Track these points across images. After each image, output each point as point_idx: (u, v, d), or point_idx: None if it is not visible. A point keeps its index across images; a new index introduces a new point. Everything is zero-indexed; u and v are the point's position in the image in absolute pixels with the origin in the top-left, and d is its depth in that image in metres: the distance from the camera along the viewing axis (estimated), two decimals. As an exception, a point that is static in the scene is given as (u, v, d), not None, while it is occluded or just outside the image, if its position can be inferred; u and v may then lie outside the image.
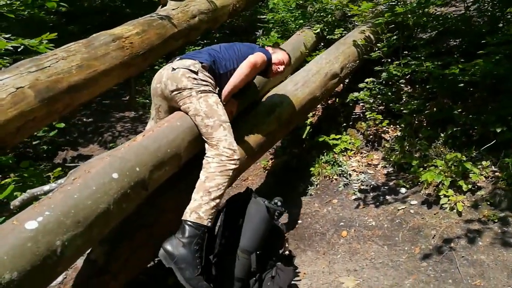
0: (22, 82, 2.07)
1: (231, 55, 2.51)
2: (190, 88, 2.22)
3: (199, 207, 2.02)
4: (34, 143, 4.63)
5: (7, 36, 2.97)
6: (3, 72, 2.11)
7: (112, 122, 5.39)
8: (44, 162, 4.51)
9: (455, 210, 2.71)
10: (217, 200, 2.08)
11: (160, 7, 3.63)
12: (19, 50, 2.90)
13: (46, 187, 1.87)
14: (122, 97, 6.10)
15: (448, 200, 2.74)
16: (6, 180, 3.38)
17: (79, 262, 1.95)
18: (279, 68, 2.68)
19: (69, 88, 2.29)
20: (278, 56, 2.67)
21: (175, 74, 2.26)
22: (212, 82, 2.34)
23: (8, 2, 2.78)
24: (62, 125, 4.55)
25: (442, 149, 3.07)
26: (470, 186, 2.77)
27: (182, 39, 3.54)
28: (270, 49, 2.70)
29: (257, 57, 2.48)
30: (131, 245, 2.04)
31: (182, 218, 2.03)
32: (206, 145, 2.22)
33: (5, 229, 1.37)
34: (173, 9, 3.53)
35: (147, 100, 5.58)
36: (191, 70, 2.25)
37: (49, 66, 2.25)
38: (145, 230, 2.12)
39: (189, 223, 2.00)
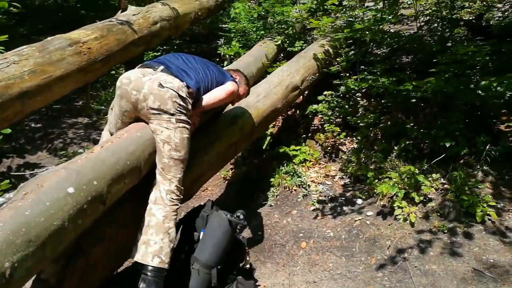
0: (-32, 87, 1.92)
1: (210, 79, 2.44)
2: (172, 114, 2.12)
3: (160, 251, 2.01)
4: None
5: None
6: None
7: (63, 128, 5.12)
8: (-14, 170, 4.21)
9: (408, 221, 2.82)
10: (173, 243, 2.10)
11: (120, 11, 3.52)
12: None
13: (-8, 202, 1.74)
14: (75, 102, 5.83)
15: (402, 211, 2.86)
16: None
17: (28, 283, 1.82)
18: (241, 98, 2.78)
19: (20, 94, 2.15)
20: (241, 87, 2.69)
21: (162, 94, 2.11)
22: (190, 109, 2.24)
23: (-47, -1, 2.57)
24: (8, 131, 4.25)
25: (396, 162, 3.20)
26: (422, 198, 2.90)
27: (143, 45, 3.46)
28: (233, 74, 2.71)
29: (233, 87, 2.51)
30: (87, 262, 1.94)
31: (143, 262, 1.99)
32: (159, 176, 2.15)
33: None
34: (133, 15, 3.44)
35: (102, 107, 5.39)
36: (179, 95, 2.13)
37: (-2, 71, 2.11)
38: (102, 246, 2.02)
39: (150, 268, 1.97)
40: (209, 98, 2.41)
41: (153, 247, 2.00)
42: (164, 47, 6.21)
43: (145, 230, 2.05)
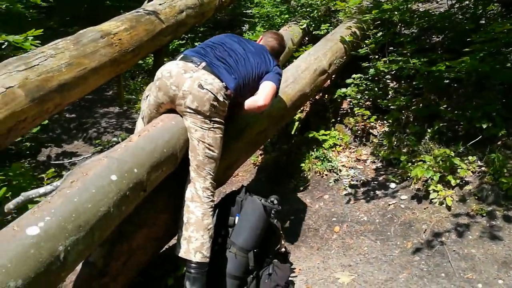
0: (12, 81, 2.00)
1: (252, 72, 2.35)
2: (208, 116, 2.13)
3: (202, 246, 2.06)
4: (16, 140, 4.48)
5: (-12, 32, 2.85)
6: (-10, 71, 2.03)
7: (96, 117, 5.27)
8: (27, 160, 4.39)
9: (444, 205, 2.78)
10: (212, 236, 2.14)
11: (146, 1, 3.55)
12: (2, 47, 2.80)
13: (41, 190, 1.81)
14: (105, 92, 5.97)
15: (438, 195, 2.81)
16: (-9, 179, 3.28)
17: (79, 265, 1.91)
18: None
19: (59, 87, 2.22)
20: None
21: (201, 95, 2.10)
22: (226, 110, 2.24)
23: (-11, -4, 2.66)
24: (45, 121, 4.42)
25: (430, 145, 3.13)
26: (458, 181, 2.85)
27: (171, 35, 3.49)
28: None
29: (273, 91, 2.41)
30: (129, 246, 2.01)
31: (186, 258, 2.05)
32: (193, 173, 2.16)
33: (7, 235, 1.32)
34: (160, 4, 3.46)
35: (132, 96, 5.49)
36: (217, 99, 2.12)
37: (38, 65, 2.18)
38: (142, 231, 2.09)
39: (194, 264, 2.04)
40: (248, 106, 2.38)
41: (194, 243, 2.05)
42: (189, 35, 6.24)
43: (185, 227, 2.09)
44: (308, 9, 4.95)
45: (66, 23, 6.88)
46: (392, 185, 3.17)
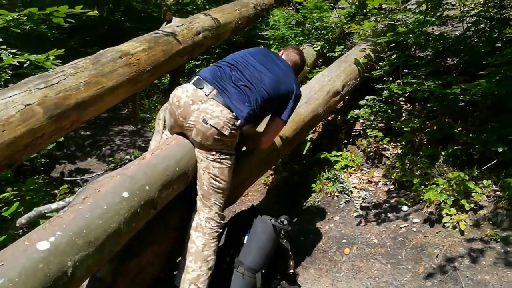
0: (31, 99, 2.07)
1: (269, 96, 2.23)
2: (212, 149, 2.11)
3: (197, 278, 2.05)
4: (32, 156, 4.60)
5: (12, 51, 2.97)
6: (12, 88, 2.11)
7: (110, 135, 5.37)
8: (41, 176, 4.48)
9: (457, 229, 2.72)
10: (212, 270, 2.11)
11: (165, 23, 3.66)
12: (24, 65, 2.91)
13: (53, 205, 1.85)
14: (121, 111, 6.10)
15: (451, 219, 2.76)
16: (5, 194, 3.36)
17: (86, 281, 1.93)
18: None
19: (76, 105, 2.29)
20: None
21: (204, 130, 2.06)
22: (235, 140, 2.18)
23: (16, 17, 2.78)
24: (61, 138, 4.53)
25: (444, 168, 3.10)
26: (472, 205, 2.79)
27: (187, 55, 3.58)
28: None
29: (282, 126, 2.45)
30: (138, 263, 2.02)
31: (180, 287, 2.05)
32: (199, 202, 2.17)
33: (17, 249, 1.36)
34: (178, 26, 3.56)
35: (147, 115, 5.59)
36: (221, 134, 2.06)
37: (57, 83, 2.25)
38: (152, 248, 2.10)
39: None
40: (266, 140, 2.44)
41: (191, 274, 2.05)
42: (205, 56, 6.36)
43: (186, 256, 2.09)
44: (322, 32, 5.01)
45: (87, 43, 7.11)
46: (404, 208, 3.13)
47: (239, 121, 2.11)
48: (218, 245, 2.18)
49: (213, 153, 2.11)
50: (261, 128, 2.52)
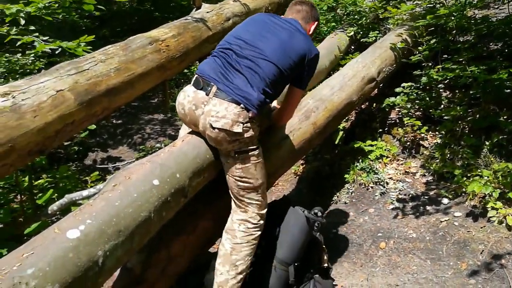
0: (62, 85, 2.05)
1: (284, 75, 2.00)
2: (229, 151, 1.95)
3: (225, 283, 1.94)
4: (65, 144, 4.68)
5: (44, 38, 2.98)
6: (43, 74, 2.10)
7: (141, 124, 5.40)
8: (75, 163, 4.55)
9: (504, 224, 2.55)
10: (244, 273, 1.99)
11: (194, 9, 3.60)
12: (56, 52, 2.92)
13: (84, 192, 1.84)
14: (151, 100, 6.12)
15: (497, 213, 2.58)
16: (39, 181, 3.42)
17: (116, 271, 1.91)
18: None
19: (107, 91, 2.26)
20: None
21: (214, 136, 1.89)
22: (254, 132, 1.95)
23: (47, 4, 2.78)
24: (93, 126, 4.59)
25: (491, 159, 2.90)
26: (520, 199, 2.60)
27: (217, 42, 3.46)
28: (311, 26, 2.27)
29: (300, 97, 2.26)
30: (168, 253, 1.98)
31: None
32: (232, 203, 2.05)
33: (47, 238, 1.32)
34: (207, 12, 3.49)
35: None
36: (234, 133, 1.86)
37: (88, 69, 2.23)
38: (182, 239, 2.06)
39: None
40: (278, 118, 2.33)
41: (219, 277, 1.95)
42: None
43: (216, 256, 2.02)
44: (356, 17, 4.82)
45: (117, 33, 7.17)
46: (445, 201, 2.96)
47: (251, 111, 1.88)
48: (255, 248, 2.04)
49: (232, 154, 1.94)
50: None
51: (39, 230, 2.19)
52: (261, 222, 2.05)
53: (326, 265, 2.37)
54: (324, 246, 2.39)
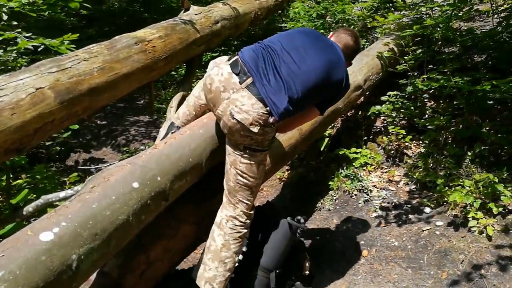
0: (42, 82, 1.99)
1: (316, 93, 1.98)
2: (239, 144, 1.93)
3: (213, 278, 1.94)
4: (47, 143, 4.58)
5: (27, 35, 2.92)
6: (23, 71, 2.04)
7: (126, 125, 5.33)
8: (56, 164, 4.46)
9: (484, 234, 2.57)
10: (231, 272, 1.99)
11: (182, 11, 3.57)
12: (39, 50, 2.85)
13: (61, 194, 1.79)
14: (137, 101, 6.06)
15: (477, 223, 2.60)
16: (18, 181, 3.33)
17: (92, 275, 1.85)
18: None
19: (89, 91, 2.21)
20: None
21: (230, 125, 1.86)
22: (268, 136, 1.95)
23: (31, 0, 2.73)
24: (76, 126, 4.49)
25: (472, 169, 2.93)
26: (500, 209, 2.63)
27: (204, 45, 3.47)
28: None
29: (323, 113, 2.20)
30: (147, 258, 1.94)
31: (197, 284, 1.95)
32: (224, 198, 2.04)
33: (19, 240, 1.27)
34: (196, 14, 3.46)
35: (163, 105, 5.53)
36: (249, 131, 1.85)
37: (70, 67, 2.17)
38: (162, 242, 2.02)
39: None
40: (284, 128, 2.25)
41: (208, 272, 1.95)
42: (222, 47, 6.26)
43: (206, 251, 1.99)
44: (344, 25, 4.85)
45: (105, 33, 7.09)
46: (427, 210, 2.98)
47: (273, 117, 1.84)
48: (241, 246, 2.03)
49: (241, 148, 1.93)
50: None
51: (14, 232, 2.13)
52: (248, 221, 2.04)
53: (307, 272, 2.36)
54: (306, 253, 2.38)
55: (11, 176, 3.12)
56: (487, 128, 3.19)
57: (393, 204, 3.16)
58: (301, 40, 2.00)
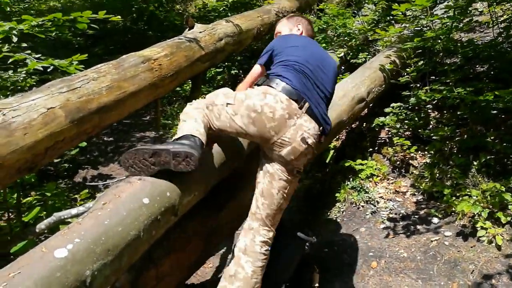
0: (53, 102, 2.05)
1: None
2: (295, 168, 1.96)
3: None
4: (55, 161, 4.63)
5: (37, 56, 2.99)
6: (35, 92, 2.10)
7: (132, 141, 5.38)
8: (64, 181, 4.50)
9: (493, 244, 2.56)
10: None
11: (187, 29, 3.64)
12: (48, 70, 2.92)
13: (73, 211, 1.82)
14: (143, 117, 6.12)
15: (486, 232, 2.60)
16: (28, 198, 3.37)
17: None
18: None
19: (98, 109, 2.26)
20: None
21: (301, 150, 1.89)
22: None
23: (40, 22, 2.80)
24: (84, 144, 4.56)
25: (479, 178, 2.93)
26: (509, 218, 2.63)
27: (209, 61, 3.54)
28: None
29: None
30: (157, 272, 1.95)
31: None
32: (256, 223, 1.98)
33: (34, 257, 1.30)
34: (200, 32, 3.54)
35: (168, 121, 5.59)
36: (313, 152, 1.98)
37: (80, 87, 2.23)
38: (171, 257, 2.03)
39: None
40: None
41: None
42: (226, 63, 6.34)
43: (231, 279, 1.91)
44: (346, 38, 4.92)
45: (111, 51, 7.22)
46: (435, 220, 2.98)
47: (323, 137, 1.98)
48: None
49: (295, 172, 1.95)
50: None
51: (26, 249, 2.16)
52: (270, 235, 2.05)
53: (317, 285, 2.36)
54: (315, 266, 2.38)
55: (21, 193, 3.16)
56: (491, 138, 3.20)
57: (401, 215, 3.16)
58: (314, 49, 2.15)
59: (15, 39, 2.87)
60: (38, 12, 7.68)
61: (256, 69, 2.21)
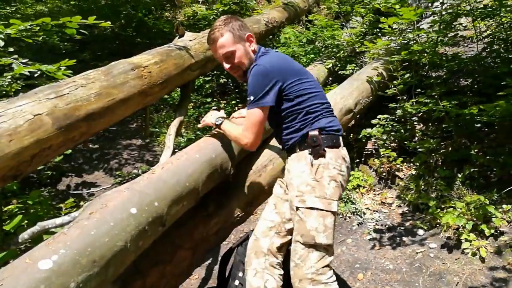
0: (41, 109, 2.00)
1: None
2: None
3: None
4: (38, 168, 4.53)
5: (24, 61, 2.94)
6: (21, 98, 2.05)
7: (118, 149, 5.30)
8: (47, 188, 4.40)
9: (477, 256, 2.60)
10: None
11: (177, 37, 3.63)
12: (35, 75, 2.87)
13: (58, 220, 1.77)
14: (129, 124, 6.06)
15: (470, 244, 2.64)
16: (10, 206, 3.28)
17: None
18: None
19: (86, 116, 2.22)
20: None
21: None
22: None
23: (28, 27, 2.76)
24: (69, 151, 4.47)
25: (464, 191, 2.98)
26: (492, 231, 2.67)
27: (199, 70, 3.53)
28: None
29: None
30: (143, 283, 1.92)
31: None
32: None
33: (18, 269, 1.26)
34: (190, 40, 3.53)
35: (155, 129, 5.54)
36: None
37: (68, 93, 2.19)
38: (158, 268, 2.00)
39: None
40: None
41: None
42: (215, 71, 6.34)
43: None
44: (334, 50, 4.98)
45: (98, 57, 7.15)
46: (420, 232, 3.01)
47: None
48: None
49: None
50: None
51: (8, 260, 2.10)
52: None
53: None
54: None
55: (3, 201, 3.07)
56: (475, 151, 3.27)
57: (387, 226, 3.19)
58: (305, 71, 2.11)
59: (1, 43, 2.82)
60: (25, 16, 7.58)
61: None
